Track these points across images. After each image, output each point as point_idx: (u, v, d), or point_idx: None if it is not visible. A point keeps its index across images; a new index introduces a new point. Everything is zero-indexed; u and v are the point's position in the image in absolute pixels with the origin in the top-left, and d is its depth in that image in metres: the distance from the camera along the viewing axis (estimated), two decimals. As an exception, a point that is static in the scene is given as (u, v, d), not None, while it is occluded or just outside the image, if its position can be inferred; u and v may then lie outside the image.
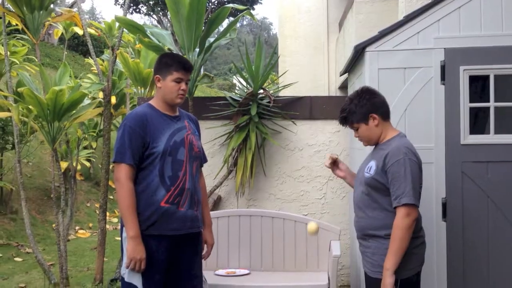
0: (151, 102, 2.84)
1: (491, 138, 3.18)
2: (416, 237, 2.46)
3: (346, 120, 2.60)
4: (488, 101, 3.19)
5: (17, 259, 6.79)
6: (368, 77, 3.26)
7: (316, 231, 2.91)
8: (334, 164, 2.85)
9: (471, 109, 3.20)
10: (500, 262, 3.17)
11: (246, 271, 3.74)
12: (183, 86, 2.77)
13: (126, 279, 2.67)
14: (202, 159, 2.99)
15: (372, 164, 2.51)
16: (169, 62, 2.78)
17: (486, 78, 3.21)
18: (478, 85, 3.32)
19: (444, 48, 3.21)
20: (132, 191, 2.63)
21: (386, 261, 2.37)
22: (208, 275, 3.56)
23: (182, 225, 2.73)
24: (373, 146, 2.67)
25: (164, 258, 2.69)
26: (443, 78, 3.20)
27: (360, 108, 2.53)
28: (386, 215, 2.45)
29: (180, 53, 4.15)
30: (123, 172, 2.63)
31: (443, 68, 3.20)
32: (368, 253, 2.53)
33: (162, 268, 2.69)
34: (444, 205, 3.17)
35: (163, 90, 2.78)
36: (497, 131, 3.18)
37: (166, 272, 2.72)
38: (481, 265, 3.16)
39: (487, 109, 3.22)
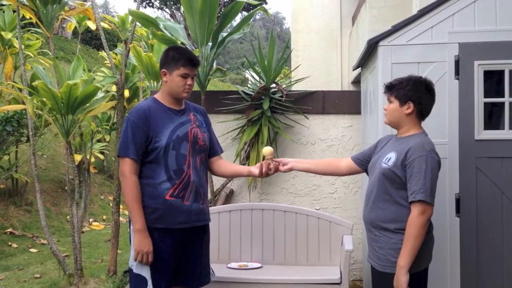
0: (156, 96, 2.85)
1: (506, 133, 3.14)
2: (426, 233, 2.46)
3: (391, 88, 2.58)
4: (503, 96, 3.16)
5: (32, 250, 6.90)
6: (381, 71, 3.24)
7: (270, 153, 2.92)
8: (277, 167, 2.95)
9: (486, 104, 3.17)
10: (513, 258, 3.14)
11: (258, 265, 3.76)
12: (189, 81, 2.77)
13: (134, 271, 2.72)
14: (216, 149, 2.99)
15: (392, 155, 2.49)
16: (176, 56, 2.75)
17: (501, 73, 3.18)
18: (493, 80, 3.28)
19: (459, 43, 3.17)
20: (137, 185, 2.66)
21: (400, 258, 2.36)
22: (220, 268, 3.59)
23: (188, 218, 2.74)
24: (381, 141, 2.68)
25: (171, 250, 2.72)
26: (457, 73, 3.17)
27: (408, 91, 2.51)
28: (397, 208, 2.44)
29: (193, 47, 4.17)
30: (127, 166, 2.65)
31: (457, 62, 3.17)
32: (375, 247, 2.53)
33: (170, 259, 2.72)
34: (457, 201, 3.15)
35: (169, 85, 2.78)
36: (512, 127, 3.15)
37: (174, 263, 2.75)
38: (495, 261, 3.14)
39: (501, 104, 3.19)
